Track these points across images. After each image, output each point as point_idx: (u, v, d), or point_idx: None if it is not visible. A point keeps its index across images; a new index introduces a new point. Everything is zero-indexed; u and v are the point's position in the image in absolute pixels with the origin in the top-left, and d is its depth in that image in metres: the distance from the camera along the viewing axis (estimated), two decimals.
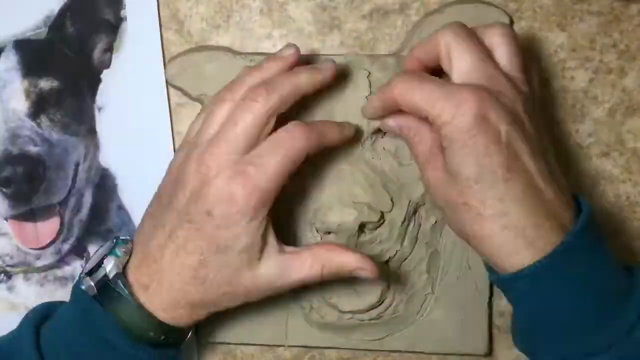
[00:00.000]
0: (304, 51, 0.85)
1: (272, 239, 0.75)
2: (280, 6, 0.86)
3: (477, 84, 0.71)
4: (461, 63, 0.72)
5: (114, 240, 0.78)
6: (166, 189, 0.78)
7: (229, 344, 0.89)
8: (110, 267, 0.75)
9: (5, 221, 0.88)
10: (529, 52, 0.85)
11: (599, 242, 0.72)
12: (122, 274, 0.75)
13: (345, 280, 0.83)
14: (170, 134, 0.88)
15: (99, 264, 0.76)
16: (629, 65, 0.86)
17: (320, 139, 0.76)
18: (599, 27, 0.86)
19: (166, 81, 0.87)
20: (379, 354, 0.88)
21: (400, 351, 0.87)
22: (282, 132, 0.75)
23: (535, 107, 0.74)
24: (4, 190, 0.86)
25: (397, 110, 0.76)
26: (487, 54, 0.73)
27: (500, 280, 0.73)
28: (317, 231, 0.84)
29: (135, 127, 0.88)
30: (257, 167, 0.73)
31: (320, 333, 0.87)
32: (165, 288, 0.75)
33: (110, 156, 0.89)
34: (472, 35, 0.74)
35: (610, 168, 0.86)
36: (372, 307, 0.85)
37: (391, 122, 0.78)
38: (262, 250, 0.75)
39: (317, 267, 0.76)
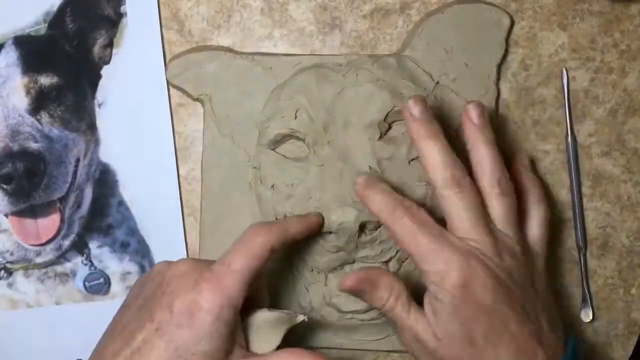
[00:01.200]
0: (304, 51, 0.86)
1: (239, 343, 0.71)
2: (281, 6, 0.86)
3: (469, 248, 0.72)
4: (457, 222, 0.74)
5: None
6: (134, 291, 0.76)
7: None
8: None
9: (5, 217, 0.88)
10: (530, 53, 0.86)
11: None
12: None
13: None
14: (171, 128, 0.88)
15: None
16: (630, 65, 0.86)
17: (283, 233, 0.75)
18: (599, 27, 0.86)
19: (166, 80, 0.87)
20: (379, 354, 0.88)
21: (400, 351, 0.87)
22: (244, 233, 0.74)
23: (531, 265, 0.76)
24: (4, 186, 0.86)
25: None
26: (483, 211, 0.74)
27: None
28: None
29: (135, 122, 0.88)
30: (221, 264, 0.71)
31: (320, 333, 0.87)
32: None
33: (111, 152, 0.89)
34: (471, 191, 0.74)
35: (611, 168, 0.87)
36: (372, 307, 0.84)
37: (349, 282, 0.77)
38: (227, 355, 0.70)
39: None
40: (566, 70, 0.86)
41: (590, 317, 0.88)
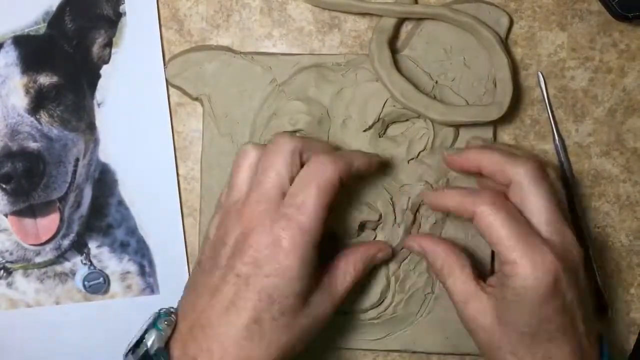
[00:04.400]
0: (303, 51, 0.86)
1: (317, 278, 0.74)
2: (280, 5, 0.86)
3: (560, 248, 0.71)
4: (540, 212, 0.72)
5: (157, 313, 0.73)
6: (206, 253, 0.75)
7: None
8: (151, 341, 0.70)
9: (5, 217, 0.88)
10: (529, 53, 0.86)
11: None
12: (165, 348, 0.71)
13: None
14: (170, 127, 0.88)
15: (141, 339, 0.71)
16: (629, 65, 0.86)
17: (349, 166, 0.74)
18: (598, 26, 0.86)
19: (166, 80, 0.86)
20: (379, 353, 0.88)
21: (400, 351, 0.87)
22: (309, 166, 0.73)
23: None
24: (3, 186, 0.86)
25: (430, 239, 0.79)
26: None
27: None
28: None
29: (135, 121, 0.88)
30: (295, 207, 0.70)
31: (320, 333, 0.87)
32: (217, 356, 0.69)
33: (110, 151, 0.89)
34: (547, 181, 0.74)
35: (610, 167, 0.86)
36: (372, 307, 0.85)
37: (416, 244, 0.80)
38: (312, 292, 0.73)
39: (351, 273, 0.77)
40: (541, 74, 0.86)
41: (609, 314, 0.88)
